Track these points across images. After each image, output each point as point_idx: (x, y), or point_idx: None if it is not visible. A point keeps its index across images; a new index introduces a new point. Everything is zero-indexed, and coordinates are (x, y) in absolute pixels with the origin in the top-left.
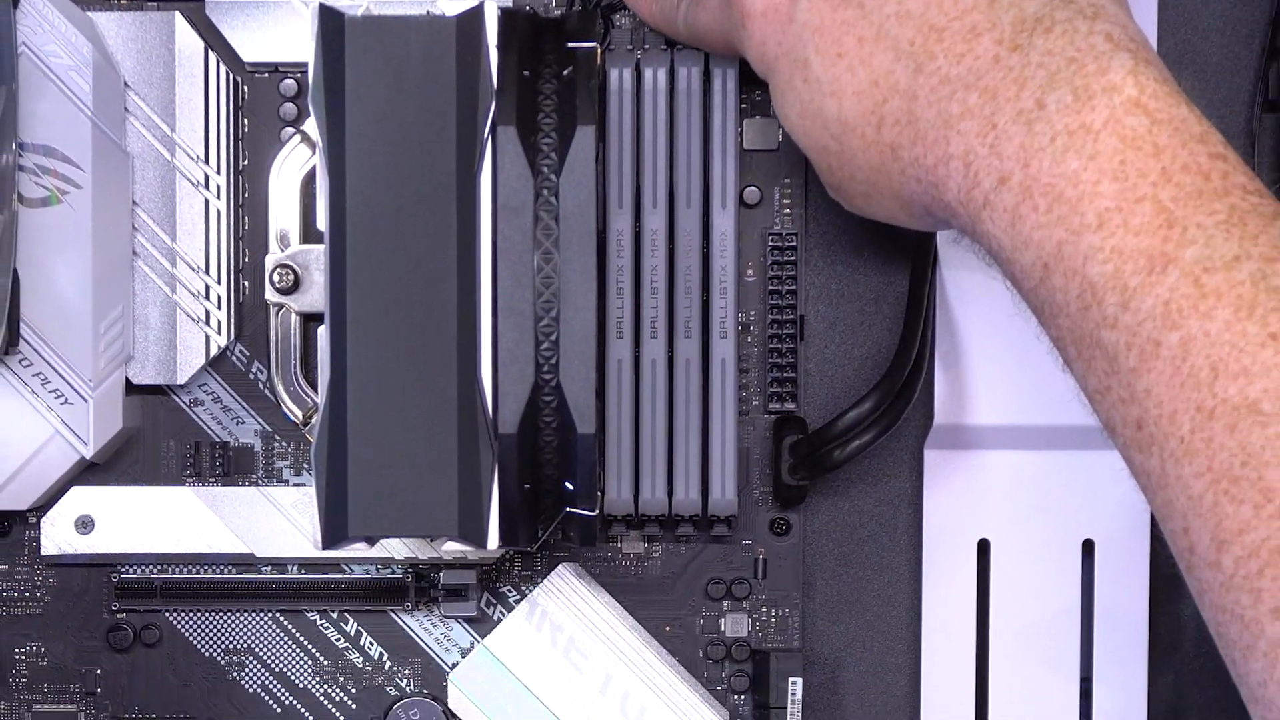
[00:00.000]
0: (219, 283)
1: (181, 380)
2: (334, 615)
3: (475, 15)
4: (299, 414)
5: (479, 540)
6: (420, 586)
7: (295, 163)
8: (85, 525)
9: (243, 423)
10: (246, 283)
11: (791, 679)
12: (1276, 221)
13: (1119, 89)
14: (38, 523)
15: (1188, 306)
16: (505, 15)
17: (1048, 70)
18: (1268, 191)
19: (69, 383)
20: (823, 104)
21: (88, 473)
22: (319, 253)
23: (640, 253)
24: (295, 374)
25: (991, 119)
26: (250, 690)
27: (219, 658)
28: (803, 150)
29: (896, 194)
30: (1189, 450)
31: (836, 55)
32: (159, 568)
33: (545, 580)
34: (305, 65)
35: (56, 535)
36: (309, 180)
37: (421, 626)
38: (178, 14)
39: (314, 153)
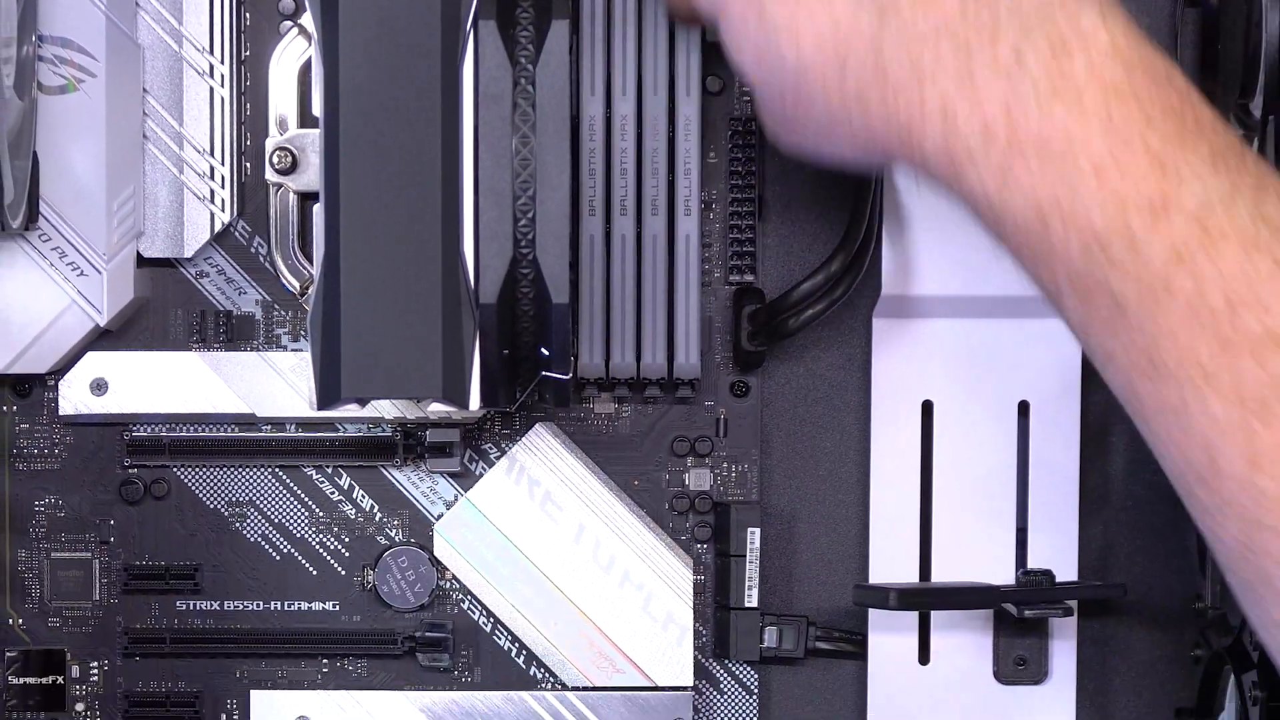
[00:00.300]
0: (223, 164)
1: (188, 254)
2: (328, 470)
3: None
4: (296, 285)
5: (462, 401)
6: (408, 444)
7: (293, 54)
8: (99, 387)
9: (244, 293)
10: (248, 164)
11: (750, 529)
12: (1246, 153)
13: (1094, 37)
14: (55, 385)
15: (1196, 246)
16: None
17: (1019, 21)
18: (1223, 120)
19: (84, 256)
20: (780, 47)
21: (102, 339)
22: (315, 136)
23: (611, 137)
24: (293, 248)
25: (968, 71)
26: (251, 540)
27: (222, 509)
28: (754, 91)
29: (856, 139)
30: (1211, 379)
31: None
32: (167, 426)
33: (523, 438)
34: None
35: (73, 396)
36: (305, 70)
37: (409, 481)
38: None
39: (310, 44)
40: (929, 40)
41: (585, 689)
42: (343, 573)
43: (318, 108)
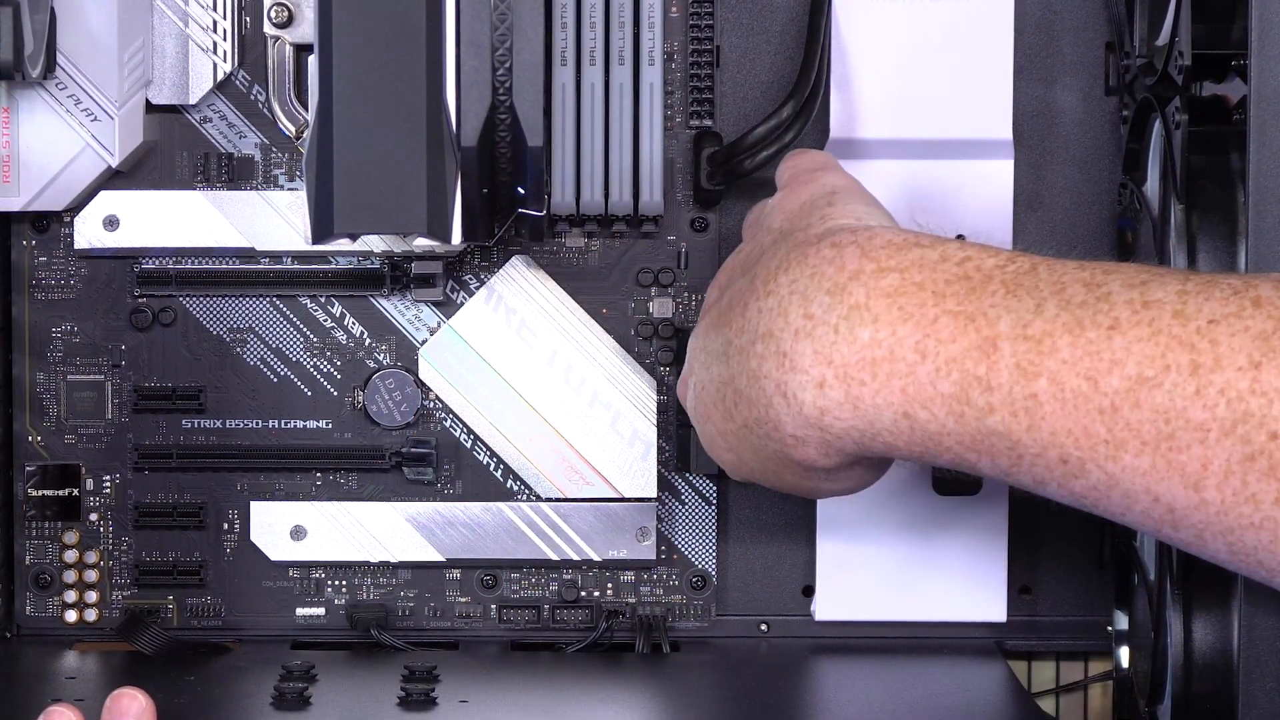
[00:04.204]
0: (224, 18)
1: (193, 100)
2: (322, 299)
3: None
4: (292, 129)
5: (444, 236)
6: (395, 275)
7: None
8: (112, 223)
9: (245, 137)
10: (248, 18)
11: None
12: (1033, 271)
13: (861, 270)
14: (71, 222)
15: (1033, 355)
16: None
17: (799, 293)
18: (1009, 254)
19: (98, 103)
20: (708, 432)
21: (114, 179)
22: None
23: None
24: (289, 96)
25: (780, 350)
26: (251, 363)
27: (224, 335)
28: (733, 477)
29: (776, 457)
30: (1117, 444)
31: (700, 388)
32: (174, 259)
33: (501, 270)
34: None
35: (87, 232)
36: None
37: (396, 309)
38: None
39: None
40: (747, 349)
41: (557, 500)
42: (335, 394)
43: None
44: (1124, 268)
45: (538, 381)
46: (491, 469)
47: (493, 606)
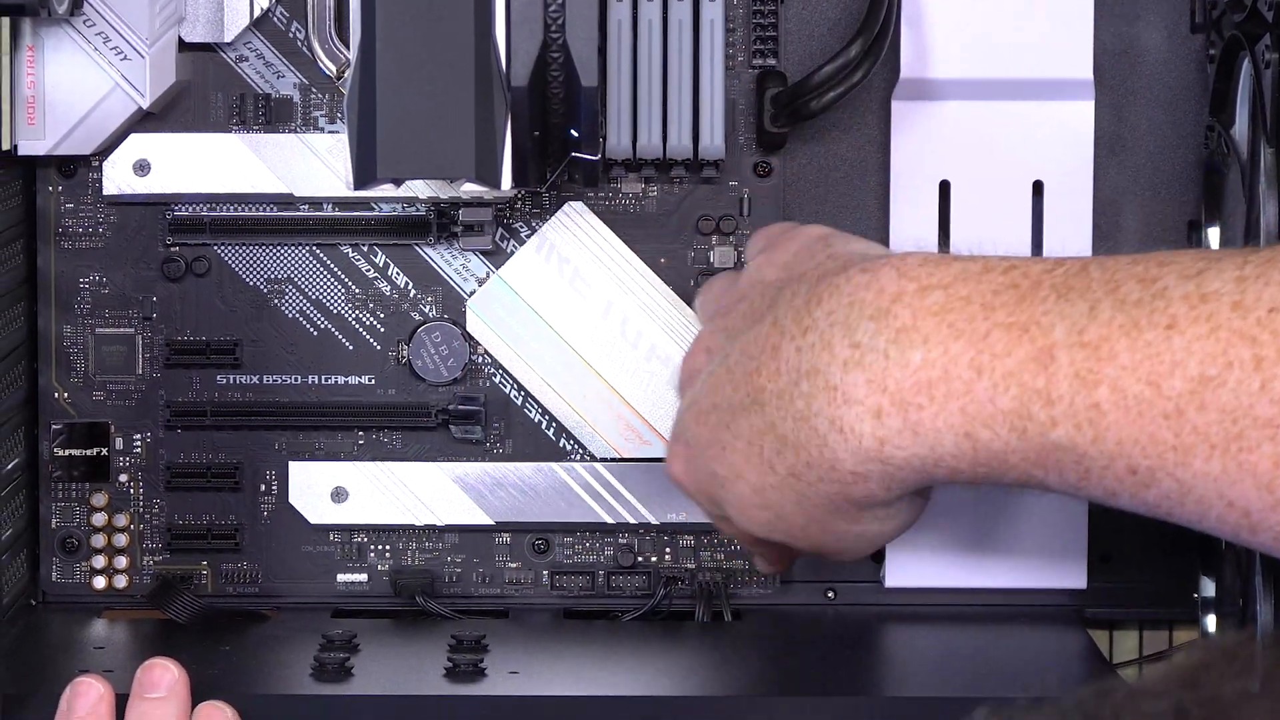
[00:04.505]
0: None
1: (228, 39)
2: (364, 248)
3: None
4: (333, 69)
5: (494, 181)
6: (442, 223)
7: None
8: (142, 168)
9: (283, 76)
10: None
11: None
12: (1084, 272)
13: (902, 292)
14: (100, 166)
15: (1094, 364)
16: None
17: (840, 324)
18: (1055, 259)
19: (128, 40)
20: (739, 491)
21: (144, 121)
22: None
23: None
24: (330, 33)
25: (829, 384)
26: (290, 316)
27: (262, 286)
28: (780, 541)
29: (826, 504)
30: (1185, 449)
31: (720, 449)
32: (208, 206)
33: (553, 217)
34: None
35: (117, 177)
36: None
37: (442, 259)
38: None
39: None
40: (791, 390)
41: (613, 460)
42: (378, 348)
43: None
44: (1180, 256)
45: (592, 334)
46: (543, 427)
47: (544, 572)
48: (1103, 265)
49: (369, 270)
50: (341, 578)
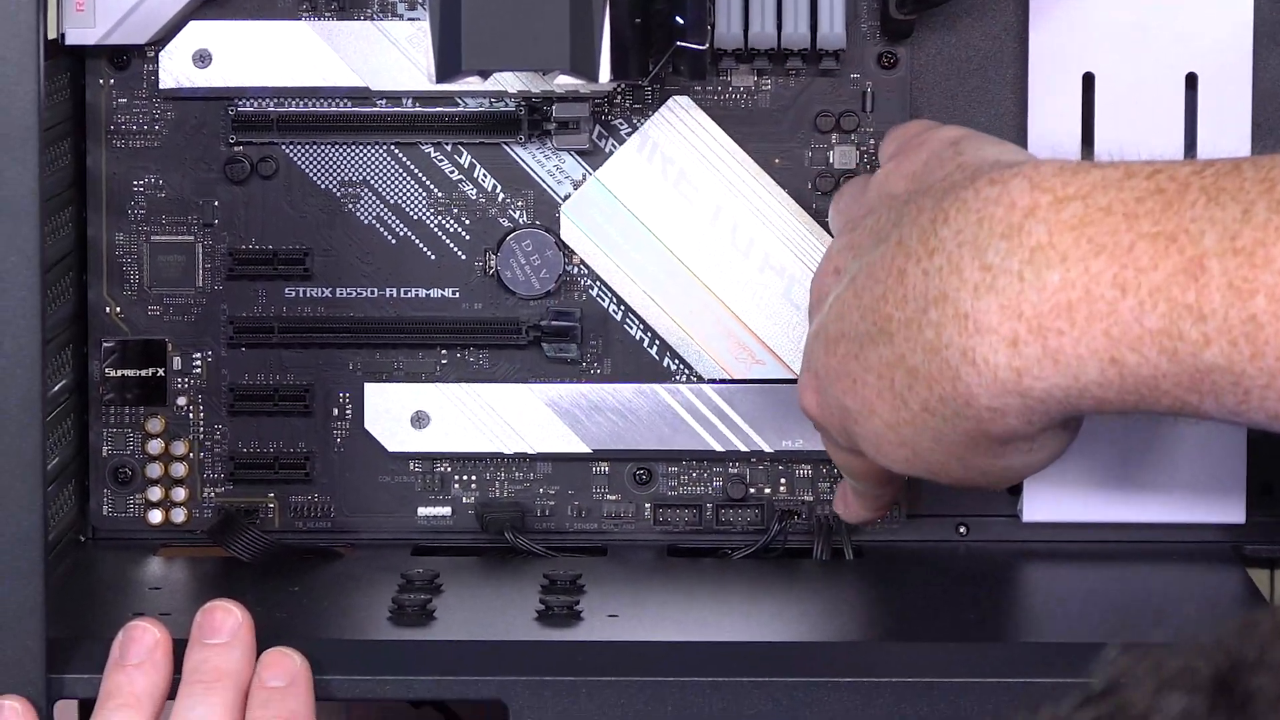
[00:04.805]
0: None
1: None
2: (448, 148)
3: None
4: None
5: (590, 73)
6: (533, 119)
7: None
8: (203, 59)
9: None
10: None
11: None
12: (1236, 171)
13: (1036, 205)
14: (155, 57)
15: (1248, 271)
16: None
17: (969, 243)
18: (1205, 160)
19: None
20: (873, 428)
21: (205, 7)
22: None
23: None
24: None
25: (959, 311)
26: (365, 221)
27: (334, 190)
28: (904, 474)
29: (966, 440)
30: None
31: (850, 382)
32: (275, 101)
33: (656, 113)
34: None
35: (174, 69)
36: None
37: (534, 159)
38: None
39: None
40: (919, 317)
41: (722, 382)
42: (463, 257)
43: None
44: None
45: (699, 243)
46: (645, 345)
47: (646, 506)
48: (1257, 164)
49: (452, 172)
50: (422, 511)
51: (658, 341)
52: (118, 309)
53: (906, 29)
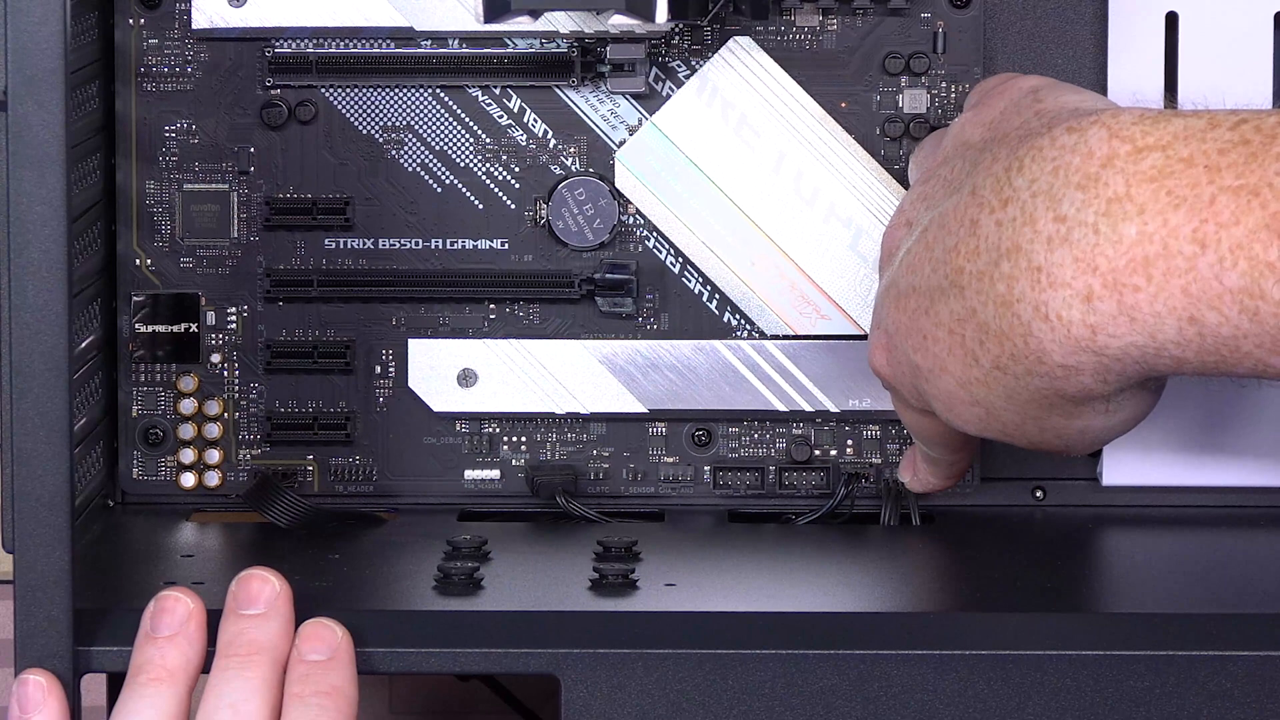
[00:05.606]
0: None
1: None
2: (496, 91)
3: None
4: None
5: (647, 13)
6: (586, 61)
7: None
8: None
9: None
10: None
11: None
12: None
13: (1114, 155)
14: None
15: None
16: None
17: (1044, 193)
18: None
19: None
20: (945, 386)
21: None
22: None
23: None
24: None
25: (1032, 264)
26: (409, 169)
27: (377, 135)
28: (978, 435)
29: (1040, 398)
30: None
31: (920, 338)
32: (315, 41)
33: (716, 55)
34: None
35: (208, 7)
36: None
37: (587, 103)
38: None
39: None
40: (992, 272)
41: (785, 338)
42: (512, 206)
43: None
44: None
45: (761, 192)
46: (704, 299)
47: (706, 469)
48: None
49: (501, 116)
50: (469, 474)
51: (717, 295)
52: (148, 261)
53: None
